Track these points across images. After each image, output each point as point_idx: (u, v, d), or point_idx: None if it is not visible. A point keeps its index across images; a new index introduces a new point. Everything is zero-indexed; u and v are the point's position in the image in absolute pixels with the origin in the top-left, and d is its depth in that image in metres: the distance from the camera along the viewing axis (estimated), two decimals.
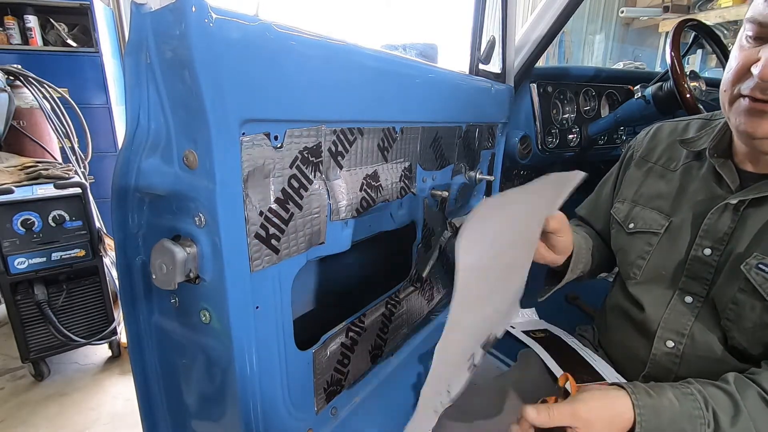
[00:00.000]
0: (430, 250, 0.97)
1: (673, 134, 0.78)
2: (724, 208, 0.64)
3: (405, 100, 0.72)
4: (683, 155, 0.74)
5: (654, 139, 0.80)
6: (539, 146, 1.30)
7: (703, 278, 0.66)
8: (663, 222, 0.72)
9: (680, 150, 0.74)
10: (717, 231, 0.64)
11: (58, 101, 1.79)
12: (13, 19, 2.32)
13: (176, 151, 0.46)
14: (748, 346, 0.60)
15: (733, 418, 0.53)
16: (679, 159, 0.74)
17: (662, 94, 1.17)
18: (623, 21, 4.27)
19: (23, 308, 1.47)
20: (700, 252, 0.66)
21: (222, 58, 0.41)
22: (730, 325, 0.62)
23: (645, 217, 0.75)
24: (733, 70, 0.56)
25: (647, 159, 0.80)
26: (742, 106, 0.56)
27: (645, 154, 0.80)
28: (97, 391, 1.58)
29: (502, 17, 1.09)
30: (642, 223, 0.75)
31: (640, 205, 0.77)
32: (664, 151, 0.78)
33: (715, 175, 0.67)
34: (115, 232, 0.53)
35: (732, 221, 0.63)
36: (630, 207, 0.78)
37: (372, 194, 0.70)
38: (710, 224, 0.65)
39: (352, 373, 0.76)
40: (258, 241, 0.51)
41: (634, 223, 0.76)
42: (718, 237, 0.64)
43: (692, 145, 0.72)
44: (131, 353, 0.59)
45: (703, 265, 0.66)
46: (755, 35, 0.53)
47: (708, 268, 0.65)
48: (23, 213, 1.38)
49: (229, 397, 0.55)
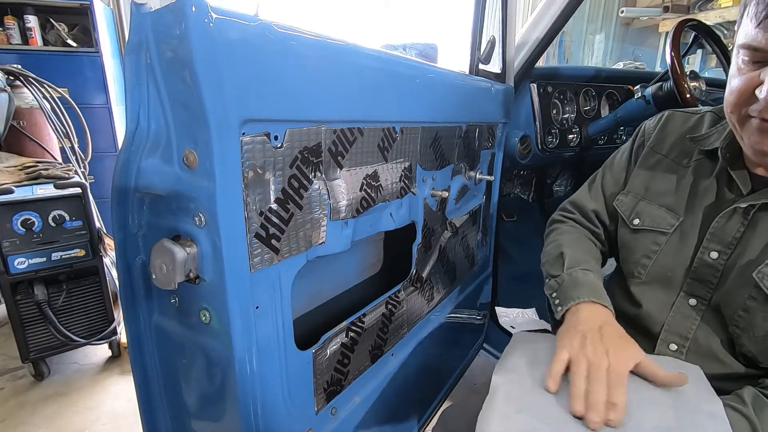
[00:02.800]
0: (430, 250, 0.97)
1: (684, 126, 0.75)
2: (733, 212, 0.62)
3: (405, 100, 0.72)
4: (695, 151, 0.71)
5: (664, 130, 0.76)
6: (539, 146, 1.30)
7: (708, 282, 0.65)
8: (673, 222, 0.70)
9: (692, 145, 0.72)
10: (725, 235, 0.63)
11: (58, 101, 1.79)
12: (13, 19, 2.32)
13: (176, 151, 0.46)
14: (758, 354, 0.59)
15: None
16: (691, 155, 0.71)
17: (662, 94, 1.17)
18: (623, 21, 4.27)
19: (23, 308, 1.47)
20: (706, 255, 0.65)
21: (222, 58, 0.41)
22: (740, 332, 0.61)
23: (653, 214, 0.72)
24: (735, 93, 0.56)
25: (657, 150, 0.76)
26: (754, 126, 0.56)
27: (654, 144, 0.76)
28: (97, 391, 1.58)
29: (502, 17, 1.09)
30: (649, 221, 0.72)
31: (646, 200, 0.74)
32: (675, 144, 0.74)
33: (727, 177, 0.65)
34: (115, 232, 0.53)
35: (741, 225, 0.62)
36: (635, 201, 0.75)
37: (372, 194, 0.70)
38: (718, 228, 0.64)
39: (352, 373, 0.76)
40: (258, 241, 0.51)
41: (640, 219, 0.73)
42: (726, 241, 0.63)
43: (703, 143, 0.70)
44: (131, 353, 0.59)
45: (708, 269, 0.65)
46: (752, 60, 0.53)
47: (714, 272, 0.64)
48: (23, 213, 1.38)
49: (229, 397, 0.55)
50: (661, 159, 0.75)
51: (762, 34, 0.49)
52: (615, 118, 1.34)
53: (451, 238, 1.04)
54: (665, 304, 0.69)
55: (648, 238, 0.72)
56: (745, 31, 0.52)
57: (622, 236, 0.77)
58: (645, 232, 0.73)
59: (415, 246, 0.89)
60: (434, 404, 1.18)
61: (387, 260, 1.01)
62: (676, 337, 0.67)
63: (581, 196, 0.88)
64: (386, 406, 0.90)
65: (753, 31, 0.50)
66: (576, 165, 1.79)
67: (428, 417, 1.14)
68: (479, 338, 1.45)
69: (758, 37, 0.50)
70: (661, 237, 0.71)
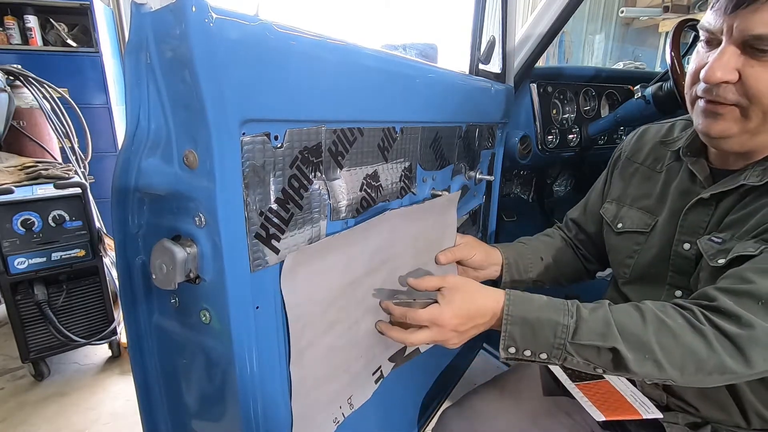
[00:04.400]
0: None
1: (658, 135, 0.80)
2: (697, 203, 0.66)
3: (405, 100, 0.72)
4: (667, 156, 0.76)
5: (640, 141, 0.83)
6: (539, 146, 1.30)
7: (687, 272, 0.67)
8: (649, 221, 0.74)
9: (665, 151, 0.77)
10: (694, 226, 0.67)
11: (58, 101, 1.79)
12: (13, 19, 2.32)
13: (176, 151, 0.46)
14: None
15: (593, 309, 0.57)
16: (664, 160, 0.76)
17: (662, 94, 1.17)
18: (623, 21, 4.27)
19: (23, 308, 1.47)
20: (680, 247, 0.68)
21: (222, 58, 0.41)
22: None
23: (632, 216, 0.77)
24: (690, 75, 0.61)
25: (634, 160, 0.82)
26: (700, 108, 0.60)
27: (631, 155, 0.83)
28: (97, 391, 1.58)
29: (502, 17, 1.09)
30: (630, 223, 0.77)
31: (627, 205, 0.79)
32: (650, 152, 0.80)
33: (691, 174, 0.69)
34: (115, 232, 0.53)
35: (707, 215, 0.65)
36: (618, 207, 0.81)
37: (372, 194, 0.70)
38: (686, 220, 0.67)
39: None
40: (258, 241, 0.51)
41: (622, 222, 0.78)
42: (696, 232, 0.66)
43: (672, 145, 0.75)
44: (131, 353, 0.59)
45: (684, 260, 0.68)
46: (706, 40, 0.58)
47: (689, 263, 0.67)
48: (23, 213, 1.38)
49: (229, 397, 0.55)
50: (638, 167, 0.81)
51: (713, 16, 0.55)
52: (615, 118, 1.34)
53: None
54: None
55: (630, 240, 0.76)
56: (706, 14, 0.57)
57: (609, 240, 0.82)
58: (627, 234, 0.77)
59: None
60: (434, 404, 1.18)
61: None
62: None
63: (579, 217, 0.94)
64: (386, 406, 0.90)
65: (708, 14, 0.56)
66: (576, 165, 1.79)
67: (428, 417, 1.14)
68: (479, 338, 1.45)
69: (710, 19, 0.56)
70: (640, 237, 0.75)
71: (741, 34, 0.52)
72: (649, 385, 0.72)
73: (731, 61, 0.53)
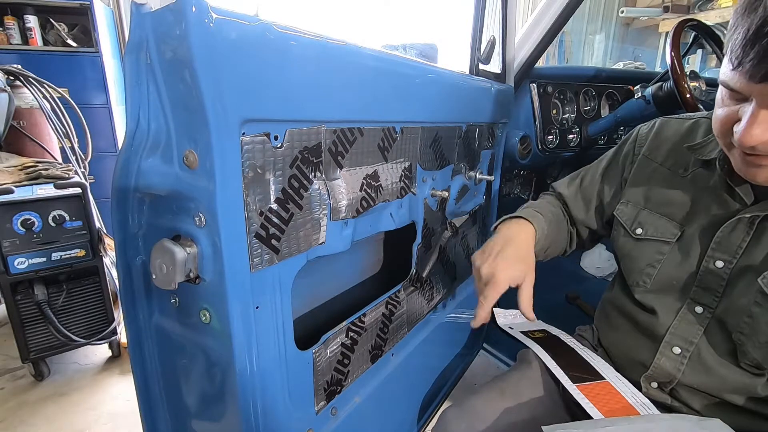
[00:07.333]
0: (430, 250, 0.97)
1: (679, 134, 0.75)
2: (737, 222, 0.63)
3: (405, 100, 0.72)
4: (692, 161, 0.72)
5: (658, 137, 0.78)
6: (539, 146, 1.30)
7: (714, 290, 0.65)
8: (675, 231, 0.71)
9: (688, 154, 0.72)
10: (730, 244, 0.64)
11: (58, 101, 1.79)
12: (13, 19, 2.32)
13: (176, 151, 0.46)
14: (763, 360, 0.60)
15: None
16: (688, 164, 0.72)
17: (662, 94, 1.17)
18: (623, 21, 4.27)
19: (23, 308, 1.47)
20: (711, 264, 0.65)
21: (222, 58, 0.41)
22: (744, 339, 0.61)
23: (655, 223, 0.73)
24: (718, 123, 0.57)
25: (652, 158, 0.77)
26: (738, 155, 0.57)
27: (649, 153, 0.78)
28: (97, 391, 1.58)
29: (502, 17, 1.09)
30: (653, 230, 0.73)
31: (647, 209, 0.75)
32: (670, 153, 0.75)
33: (727, 186, 0.66)
34: (115, 232, 0.53)
35: (747, 234, 0.62)
36: (636, 211, 0.76)
37: (372, 194, 0.70)
38: (723, 237, 0.64)
39: (352, 373, 0.76)
40: (258, 241, 0.51)
41: (643, 228, 0.74)
42: (732, 250, 0.63)
43: (700, 152, 0.70)
44: (131, 353, 0.59)
45: (714, 277, 0.65)
46: (729, 97, 0.55)
47: (719, 281, 0.65)
48: (23, 213, 1.38)
49: (229, 397, 0.55)
50: (658, 168, 0.76)
51: (738, 77, 0.50)
52: (615, 118, 1.34)
53: (451, 238, 1.04)
54: (671, 310, 0.70)
55: (652, 248, 0.73)
56: (724, 70, 0.52)
57: (624, 245, 0.78)
58: (648, 242, 0.73)
59: (415, 246, 0.89)
60: (434, 404, 1.18)
61: (387, 260, 1.01)
62: (680, 341, 0.68)
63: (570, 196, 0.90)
64: (386, 406, 0.90)
65: (730, 73, 0.51)
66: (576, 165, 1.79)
67: (428, 417, 1.14)
68: (479, 338, 1.45)
69: (734, 79, 0.51)
70: (664, 246, 0.71)
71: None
72: (655, 388, 0.72)
73: (764, 122, 0.50)
